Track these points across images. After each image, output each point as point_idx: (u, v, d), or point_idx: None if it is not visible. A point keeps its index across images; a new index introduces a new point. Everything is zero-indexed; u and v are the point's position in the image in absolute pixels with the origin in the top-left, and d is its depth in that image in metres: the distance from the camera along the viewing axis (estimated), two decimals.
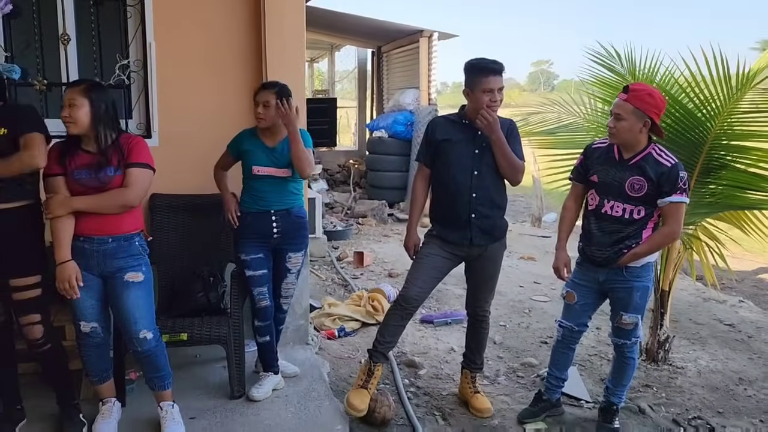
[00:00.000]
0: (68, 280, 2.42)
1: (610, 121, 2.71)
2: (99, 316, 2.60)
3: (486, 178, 2.94)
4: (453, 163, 2.97)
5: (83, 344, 2.64)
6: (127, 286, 2.53)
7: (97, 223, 2.48)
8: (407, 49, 9.97)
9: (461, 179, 2.94)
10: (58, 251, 2.43)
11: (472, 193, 2.94)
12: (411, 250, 3.18)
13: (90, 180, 2.46)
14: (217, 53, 3.58)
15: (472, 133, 2.95)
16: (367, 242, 7.38)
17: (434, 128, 3.08)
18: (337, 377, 3.57)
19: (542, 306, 5.08)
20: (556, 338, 3.09)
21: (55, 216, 2.41)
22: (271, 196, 3.04)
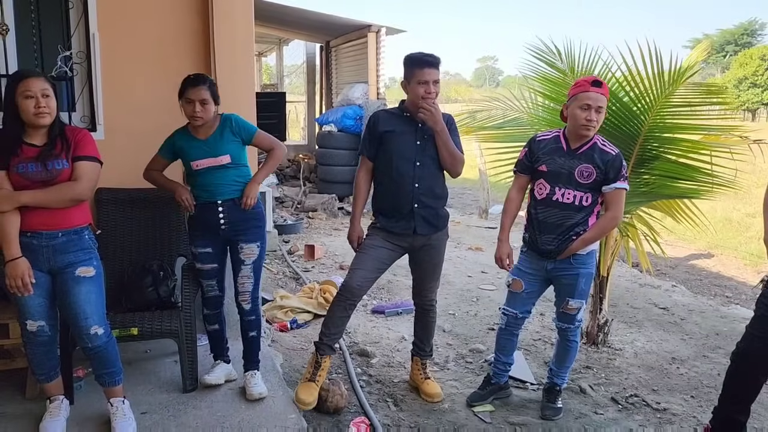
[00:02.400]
0: (21, 277, 2.37)
1: (591, 113, 2.80)
2: (46, 314, 2.55)
3: (428, 169, 3.03)
4: (396, 154, 3.04)
5: (29, 343, 2.58)
6: (78, 281, 2.49)
7: (46, 217, 2.43)
8: (356, 43, 10.01)
9: (404, 170, 3.02)
10: (7, 248, 2.36)
11: (415, 183, 3.02)
12: (354, 243, 3.25)
13: (37, 173, 2.41)
14: (164, 44, 3.55)
15: (413, 125, 3.04)
16: (318, 236, 7.41)
17: (376, 121, 3.14)
18: (291, 368, 3.60)
19: (489, 294, 5.24)
20: (501, 326, 3.20)
21: (1, 211, 2.35)
22: (215, 188, 2.96)
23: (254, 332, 3.12)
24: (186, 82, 2.91)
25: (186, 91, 2.89)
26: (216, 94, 2.93)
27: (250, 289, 3.06)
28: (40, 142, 2.46)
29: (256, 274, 3.07)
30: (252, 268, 3.05)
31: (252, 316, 3.10)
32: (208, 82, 2.91)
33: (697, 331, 4.53)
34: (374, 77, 9.29)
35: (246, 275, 3.04)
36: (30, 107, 2.39)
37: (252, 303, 3.08)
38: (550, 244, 2.93)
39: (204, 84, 2.88)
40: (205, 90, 2.86)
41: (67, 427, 2.69)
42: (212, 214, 2.98)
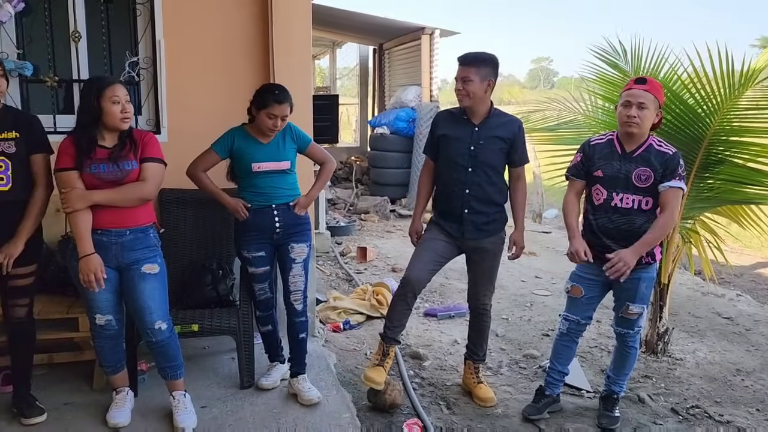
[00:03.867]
0: (94, 272, 2.48)
1: (632, 110, 2.74)
2: (113, 309, 2.67)
3: (480, 175, 3.02)
4: (448, 159, 3.06)
5: (98, 336, 2.71)
6: (144, 277, 2.60)
7: (115, 216, 2.55)
8: (409, 46, 10.03)
9: (455, 175, 3.03)
10: (81, 244, 2.48)
11: (466, 189, 3.02)
12: (414, 236, 3.31)
13: (108, 173, 2.53)
14: (225, 50, 3.65)
15: (469, 129, 3.02)
16: (370, 238, 7.45)
17: (437, 123, 3.18)
18: (344, 368, 3.64)
19: (543, 300, 5.16)
20: (560, 331, 3.13)
21: (75, 210, 2.46)
22: (272, 191, 3.01)
23: (304, 334, 3.13)
24: (270, 96, 2.88)
25: (270, 105, 2.86)
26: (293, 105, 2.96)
27: (302, 287, 3.08)
28: (110, 144, 2.58)
29: (306, 273, 3.11)
30: (303, 266, 3.08)
31: (303, 318, 3.12)
32: (290, 97, 2.92)
33: (763, 342, 4.34)
34: (427, 79, 9.28)
35: (297, 273, 3.06)
36: (117, 112, 2.52)
37: (303, 303, 3.10)
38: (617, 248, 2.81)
39: (288, 101, 2.90)
40: (287, 107, 2.90)
41: (132, 417, 2.80)
42: (268, 218, 3.02)
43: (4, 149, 2.49)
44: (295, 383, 3.06)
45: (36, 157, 2.60)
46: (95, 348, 2.76)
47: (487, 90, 2.97)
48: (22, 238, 2.55)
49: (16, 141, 2.52)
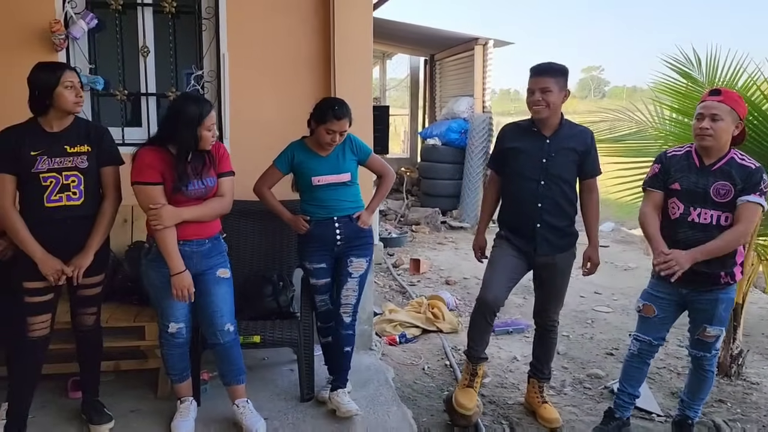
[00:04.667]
0: (187, 288, 2.54)
1: (704, 122, 2.62)
2: (186, 317, 2.72)
3: (553, 188, 2.93)
4: (518, 173, 2.98)
5: (168, 344, 2.74)
6: (218, 281, 2.66)
7: (197, 228, 2.60)
8: (461, 56, 9.97)
9: (527, 189, 2.95)
10: (173, 261, 2.51)
11: (538, 203, 2.93)
12: (477, 252, 3.25)
13: (196, 191, 2.56)
14: (287, 63, 3.68)
15: (540, 141, 2.94)
16: (422, 250, 7.40)
17: (503, 136, 3.10)
18: (402, 383, 3.59)
19: (605, 317, 4.99)
20: (631, 352, 2.98)
21: (166, 227, 2.49)
22: (333, 203, 3.01)
23: (349, 348, 3.09)
24: (329, 111, 2.85)
25: (330, 120, 2.85)
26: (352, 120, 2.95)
27: (353, 302, 3.06)
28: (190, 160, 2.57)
29: (360, 288, 3.08)
30: (358, 281, 3.05)
31: (350, 331, 3.08)
32: (350, 113, 2.91)
33: None
34: (480, 90, 9.19)
35: (352, 288, 3.05)
36: (209, 138, 2.56)
37: (352, 317, 3.07)
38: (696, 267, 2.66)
39: (347, 117, 2.89)
40: (346, 122, 2.89)
41: (195, 427, 2.82)
42: (329, 231, 3.01)
43: (77, 164, 2.52)
44: (334, 396, 3.01)
45: (107, 169, 2.63)
46: (163, 356, 2.79)
47: (564, 100, 2.90)
48: (92, 250, 2.59)
49: (88, 155, 2.55)
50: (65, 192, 2.51)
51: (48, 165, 2.48)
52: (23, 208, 2.53)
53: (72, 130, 2.56)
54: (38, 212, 2.50)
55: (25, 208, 2.52)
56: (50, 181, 2.48)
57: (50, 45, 3.37)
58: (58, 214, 2.51)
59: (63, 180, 2.50)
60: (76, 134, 2.56)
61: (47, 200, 2.49)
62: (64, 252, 2.55)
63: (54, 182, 2.48)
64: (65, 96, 2.47)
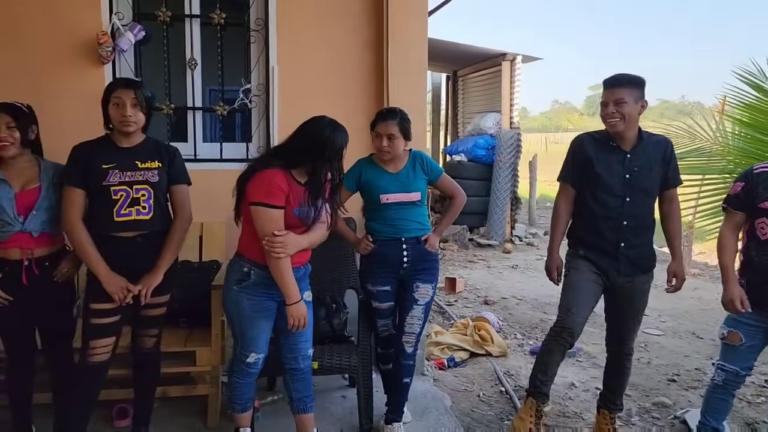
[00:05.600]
0: (304, 318, 2.40)
1: None
2: (266, 347, 2.54)
3: (638, 205, 2.76)
4: (602, 187, 2.80)
5: (240, 373, 2.56)
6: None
7: (300, 255, 2.43)
8: (486, 72, 9.87)
9: (612, 205, 2.78)
10: (291, 290, 2.34)
11: (623, 221, 2.77)
12: (553, 273, 3.00)
13: (309, 216, 2.39)
14: (338, 76, 3.56)
15: (621, 155, 2.78)
16: (453, 268, 7.22)
17: (581, 144, 2.90)
18: (460, 411, 3.40)
19: (657, 340, 4.79)
20: (715, 383, 2.80)
21: (288, 255, 2.32)
22: (401, 223, 2.85)
23: (408, 379, 2.93)
24: (377, 116, 2.82)
25: (376, 124, 2.79)
26: (406, 129, 2.79)
27: (417, 331, 2.90)
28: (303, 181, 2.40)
29: (425, 316, 2.92)
30: (424, 309, 2.90)
31: (410, 361, 2.92)
32: (399, 116, 2.78)
33: None
34: (507, 106, 9.06)
35: (416, 315, 2.88)
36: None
37: (414, 347, 2.91)
38: None
39: (393, 119, 2.76)
40: (393, 125, 2.74)
41: None
42: (396, 252, 2.85)
43: (147, 178, 2.43)
44: (390, 430, 2.86)
45: (178, 187, 2.54)
46: (231, 385, 2.60)
47: (641, 112, 2.73)
48: (162, 269, 2.47)
49: (159, 171, 2.46)
50: (135, 206, 2.41)
51: (119, 178, 2.39)
52: (93, 223, 2.42)
53: (143, 147, 2.49)
54: (108, 225, 2.40)
55: (95, 222, 2.42)
56: (120, 195, 2.39)
57: (97, 57, 3.28)
58: (128, 228, 2.41)
59: (133, 194, 2.40)
60: (147, 151, 2.48)
61: (117, 214, 2.39)
62: (131, 271, 2.44)
63: (124, 195, 2.39)
64: (111, 113, 2.41)
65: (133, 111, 2.39)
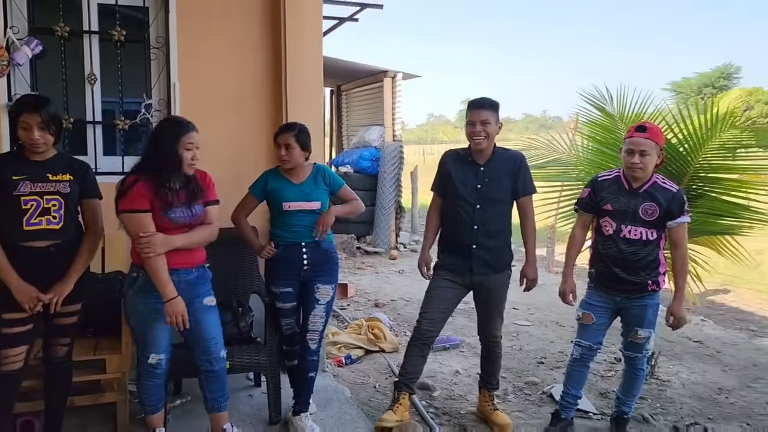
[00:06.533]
0: (181, 314, 2.52)
1: (635, 158, 3.00)
2: (167, 348, 2.69)
3: (488, 212, 3.20)
4: (457, 198, 3.23)
5: (146, 375, 2.69)
6: (207, 309, 2.69)
7: (185, 256, 2.61)
8: (369, 88, 10.33)
9: (464, 212, 3.20)
10: (165, 288, 2.50)
11: (474, 225, 3.20)
12: (423, 267, 3.42)
13: (184, 218, 2.58)
14: (239, 92, 3.77)
15: (476, 168, 3.21)
16: (343, 275, 7.52)
17: (445, 162, 3.34)
18: (359, 401, 3.70)
19: (527, 330, 5.39)
20: (573, 357, 3.31)
21: (158, 254, 2.49)
22: (302, 229, 3.13)
23: (313, 373, 3.20)
24: (278, 129, 3.13)
25: (277, 136, 3.10)
26: (304, 141, 3.09)
27: (320, 328, 3.17)
28: (178, 187, 2.59)
29: (327, 315, 3.20)
30: (325, 308, 3.17)
31: (315, 357, 3.19)
32: (296, 129, 3.09)
33: (734, 362, 4.70)
34: (390, 120, 9.57)
35: (318, 315, 3.16)
36: (189, 158, 2.58)
37: (318, 343, 3.19)
38: (628, 278, 3.08)
39: (291, 131, 3.08)
40: (290, 136, 3.05)
41: None
42: (297, 255, 3.13)
43: (59, 189, 2.51)
44: (297, 421, 3.10)
45: (90, 201, 2.64)
46: (140, 388, 2.73)
47: (498, 132, 3.19)
48: (73, 278, 2.56)
49: (70, 183, 2.55)
50: (45, 216, 2.48)
51: (30, 189, 2.46)
52: (2, 233, 2.46)
53: (56, 161, 2.57)
54: (17, 235, 2.45)
55: (4, 232, 2.46)
56: (31, 204, 2.45)
57: None
58: (38, 237, 2.48)
59: (44, 203, 2.48)
60: (60, 164, 2.56)
61: (27, 223, 2.45)
62: (41, 281, 2.50)
63: (35, 205, 2.46)
64: (20, 135, 2.48)
65: (40, 134, 2.45)
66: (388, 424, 3.16)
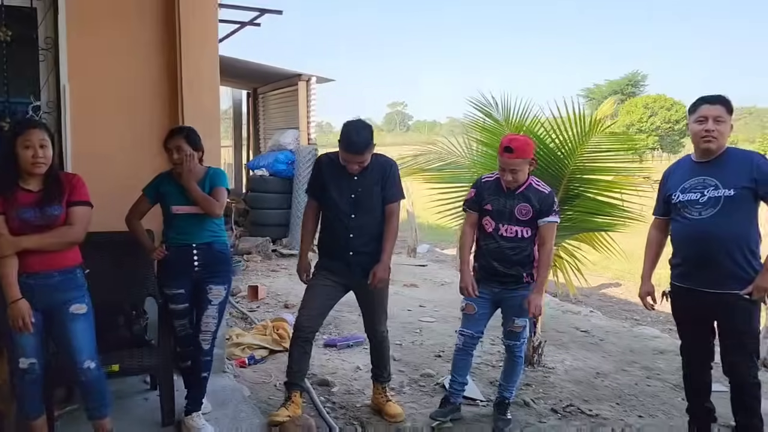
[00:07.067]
0: (22, 317, 2.50)
1: (508, 174, 3.25)
2: (37, 353, 2.66)
3: (363, 219, 3.33)
4: (332, 206, 3.35)
5: (20, 381, 2.67)
6: (72, 318, 2.65)
7: (43, 259, 2.59)
8: (285, 91, 10.36)
9: (340, 220, 3.34)
10: (9, 290, 2.49)
11: (350, 234, 3.34)
12: (302, 274, 3.55)
13: (35, 219, 2.57)
14: (134, 97, 3.76)
15: (350, 178, 3.31)
16: (257, 277, 7.55)
17: (321, 168, 3.44)
18: (258, 400, 3.78)
19: (430, 326, 5.62)
20: (458, 346, 3.54)
21: (4, 256, 2.48)
22: (192, 230, 3.18)
23: (206, 373, 3.25)
24: (167, 134, 3.19)
25: (166, 141, 3.16)
26: (194, 140, 3.16)
27: (213, 329, 3.23)
28: (36, 188, 2.62)
29: (220, 315, 3.26)
30: (218, 308, 3.23)
31: (208, 357, 3.24)
32: (185, 132, 3.17)
33: (614, 349, 5.10)
34: (305, 123, 9.64)
35: (211, 315, 3.21)
36: (29, 157, 2.56)
37: (211, 344, 3.24)
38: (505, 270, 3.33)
39: (180, 134, 3.15)
40: (180, 139, 3.13)
41: None
42: (187, 257, 3.18)
43: None
44: (188, 420, 3.14)
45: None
46: (18, 394, 2.71)
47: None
48: None
49: None
50: None
51: None
52: None
53: None
54: None
55: None
56: None
57: None
58: None
59: None
60: None
61: None
62: None
63: None
64: None
65: None
66: (279, 418, 3.26)
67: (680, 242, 3.10)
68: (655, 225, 3.31)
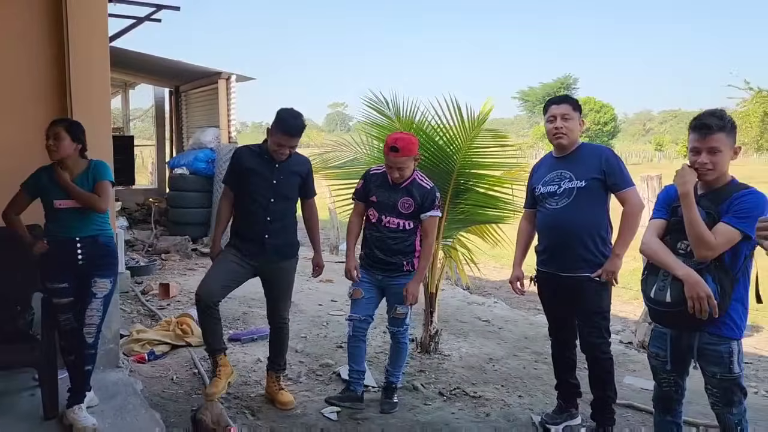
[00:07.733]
0: None
1: (395, 172, 3.42)
2: None
3: (279, 206, 3.51)
4: (253, 191, 3.49)
5: None
6: None
7: None
8: (206, 89, 10.28)
9: (259, 205, 3.48)
10: None
11: (267, 217, 3.48)
12: (214, 256, 3.64)
13: None
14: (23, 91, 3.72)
15: (272, 166, 3.49)
16: (172, 276, 7.49)
17: (240, 157, 3.57)
18: (151, 393, 3.81)
19: (338, 319, 5.74)
20: (349, 335, 3.68)
21: None
22: (75, 224, 3.20)
23: (90, 366, 3.26)
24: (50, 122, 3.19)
25: (48, 129, 3.17)
26: (75, 134, 3.18)
27: (97, 322, 3.24)
28: None
29: (104, 308, 3.27)
30: (102, 301, 3.25)
31: (92, 350, 3.25)
32: (66, 123, 3.20)
33: (510, 336, 5.37)
34: (225, 122, 9.60)
35: (95, 308, 3.22)
36: None
37: (95, 337, 3.24)
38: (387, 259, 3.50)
39: (61, 123, 3.19)
40: (59, 127, 3.15)
41: None
42: (70, 251, 3.19)
43: None
44: (70, 413, 3.13)
45: None
46: None
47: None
48: None
49: None
50: None
51: None
52: None
53: None
54: None
55: None
56: None
57: None
58: None
59: None
60: None
61: None
62: None
63: None
64: None
65: None
66: (216, 395, 3.35)
67: (542, 231, 3.34)
68: (524, 216, 3.55)
